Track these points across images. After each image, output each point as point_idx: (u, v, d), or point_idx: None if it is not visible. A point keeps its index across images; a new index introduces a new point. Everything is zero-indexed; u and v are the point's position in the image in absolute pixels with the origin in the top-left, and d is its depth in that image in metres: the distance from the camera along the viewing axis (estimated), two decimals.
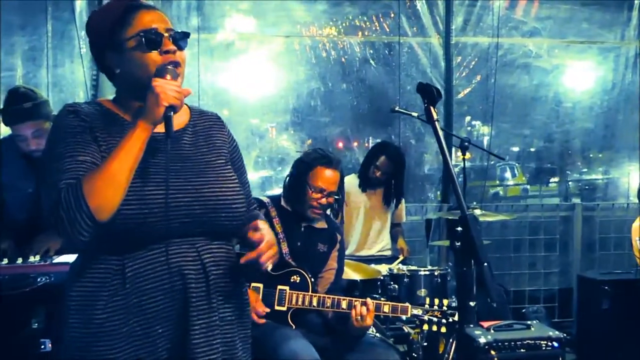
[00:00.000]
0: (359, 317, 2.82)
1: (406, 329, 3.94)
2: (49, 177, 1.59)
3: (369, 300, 2.87)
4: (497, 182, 9.11)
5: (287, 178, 3.22)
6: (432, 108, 1.77)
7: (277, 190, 6.00)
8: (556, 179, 7.08)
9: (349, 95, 5.55)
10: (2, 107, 3.20)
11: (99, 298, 1.62)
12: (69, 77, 4.96)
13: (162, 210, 1.61)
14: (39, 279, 2.91)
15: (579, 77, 5.79)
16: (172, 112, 1.60)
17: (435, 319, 2.94)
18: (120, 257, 1.64)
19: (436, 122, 1.76)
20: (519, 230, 5.49)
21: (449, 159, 1.76)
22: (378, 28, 5.46)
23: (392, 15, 5.40)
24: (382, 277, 3.85)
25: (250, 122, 5.65)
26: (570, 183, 6.98)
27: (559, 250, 5.60)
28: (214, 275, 1.72)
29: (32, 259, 3.03)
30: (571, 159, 6.41)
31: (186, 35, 1.73)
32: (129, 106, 1.73)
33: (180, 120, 1.80)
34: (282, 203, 3.18)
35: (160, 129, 1.67)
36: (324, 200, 3.07)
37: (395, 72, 5.40)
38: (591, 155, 6.46)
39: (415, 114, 4.60)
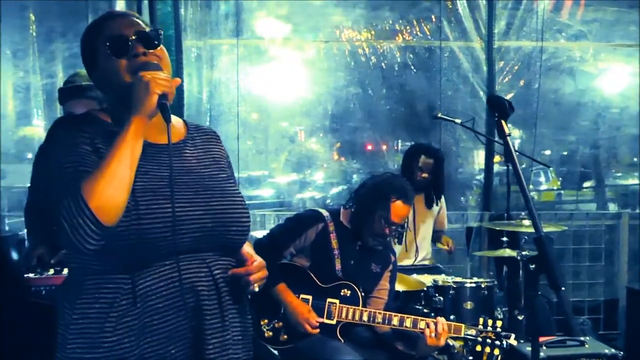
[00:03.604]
0: (433, 334, 2.76)
1: (450, 341, 3.85)
2: (49, 188, 1.54)
3: (442, 319, 2.82)
4: (531, 186, 8.93)
5: (357, 199, 3.14)
6: (503, 122, 1.69)
7: (308, 194, 5.99)
8: (589, 184, 6.90)
9: (389, 101, 5.46)
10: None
11: (108, 320, 1.54)
12: None
13: (172, 223, 1.55)
14: None
15: (626, 81, 5.61)
16: (166, 100, 1.53)
17: (489, 341, 2.85)
18: (129, 275, 1.55)
19: (508, 137, 1.68)
20: (562, 239, 5.33)
21: (522, 176, 1.67)
22: (418, 32, 5.36)
23: (433, 19, 5.30)
24: (425, 289, 3.76)
25: (285, 126, 5.63)
26: (607, 189, 6.77)
27: (604, 260, 5.43)
28: (225, 292, 1.65)
29: None
30: (607, 164, 6.22)
31: (157, 33, 1.66)
32: (117, 116, 1.65)
33: (178, 132, 1.75)
34: (341, 218, 3.12)
35: (159, 139, 1.63)
36: (391, 233, 3.04)
37: (436, 77, 5.29)
38: (635, 159, 6.25)
39: (458, 121, 4.51)
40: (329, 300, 2.95)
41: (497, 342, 2.86)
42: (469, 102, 5.34)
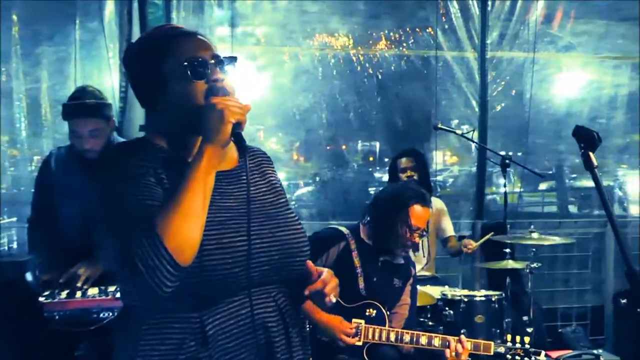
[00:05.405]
0: (454, 354, 2.73)
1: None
2: (113, 223, 1.41)
3: (463, 337, 2.79)
4: (494, 188, 9.02)
5: (374, 213, 3.07)
6: (590, 154, 1.65)
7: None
8: (545, 185, 6.99)
9: (384, 110, 5.44)
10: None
11: None
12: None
13: (246, 258, 1.46)
14: (102, 315, 2.77)
15: (613, 92, 5.73)
16: (240, 129, 1.44)
17: (518, 358, 2.84)
18: (197, 314, 1.45)
19: (596, 169, 1.65)
20: (553, 247, 5.39)
21: (610, 207, 1.64)
22: (413, 42, 5.35)
23: (429, 29, 5.29)
24: (434, 303, 3.73)
25: (279, 135, 5.55)
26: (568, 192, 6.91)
27: (591, 268, 5.53)
28: (291, 325, 1.59)
29: (91, 292, 2.88)
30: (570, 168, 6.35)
31: (233, 59, 1.58)
32: (181, 142, 1.55)
33: (231, 157, 1.64)
34: (362, 235, 3.05)
35: (220, 166, 1.52)
36: (417, 239, 2.98)
37: (430, 87, 5.29)
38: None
39: (459, 132, 4.52)
40: (354, 320, 2.88)
41: (526, 359, 2.85)
42: (462, 111, 5.36)
